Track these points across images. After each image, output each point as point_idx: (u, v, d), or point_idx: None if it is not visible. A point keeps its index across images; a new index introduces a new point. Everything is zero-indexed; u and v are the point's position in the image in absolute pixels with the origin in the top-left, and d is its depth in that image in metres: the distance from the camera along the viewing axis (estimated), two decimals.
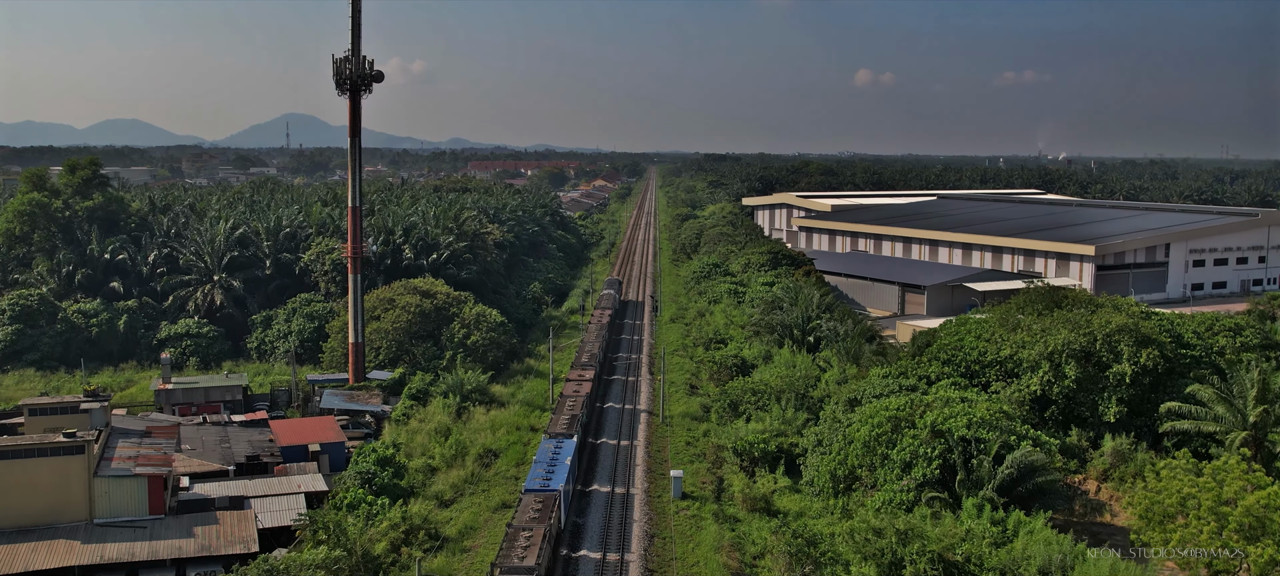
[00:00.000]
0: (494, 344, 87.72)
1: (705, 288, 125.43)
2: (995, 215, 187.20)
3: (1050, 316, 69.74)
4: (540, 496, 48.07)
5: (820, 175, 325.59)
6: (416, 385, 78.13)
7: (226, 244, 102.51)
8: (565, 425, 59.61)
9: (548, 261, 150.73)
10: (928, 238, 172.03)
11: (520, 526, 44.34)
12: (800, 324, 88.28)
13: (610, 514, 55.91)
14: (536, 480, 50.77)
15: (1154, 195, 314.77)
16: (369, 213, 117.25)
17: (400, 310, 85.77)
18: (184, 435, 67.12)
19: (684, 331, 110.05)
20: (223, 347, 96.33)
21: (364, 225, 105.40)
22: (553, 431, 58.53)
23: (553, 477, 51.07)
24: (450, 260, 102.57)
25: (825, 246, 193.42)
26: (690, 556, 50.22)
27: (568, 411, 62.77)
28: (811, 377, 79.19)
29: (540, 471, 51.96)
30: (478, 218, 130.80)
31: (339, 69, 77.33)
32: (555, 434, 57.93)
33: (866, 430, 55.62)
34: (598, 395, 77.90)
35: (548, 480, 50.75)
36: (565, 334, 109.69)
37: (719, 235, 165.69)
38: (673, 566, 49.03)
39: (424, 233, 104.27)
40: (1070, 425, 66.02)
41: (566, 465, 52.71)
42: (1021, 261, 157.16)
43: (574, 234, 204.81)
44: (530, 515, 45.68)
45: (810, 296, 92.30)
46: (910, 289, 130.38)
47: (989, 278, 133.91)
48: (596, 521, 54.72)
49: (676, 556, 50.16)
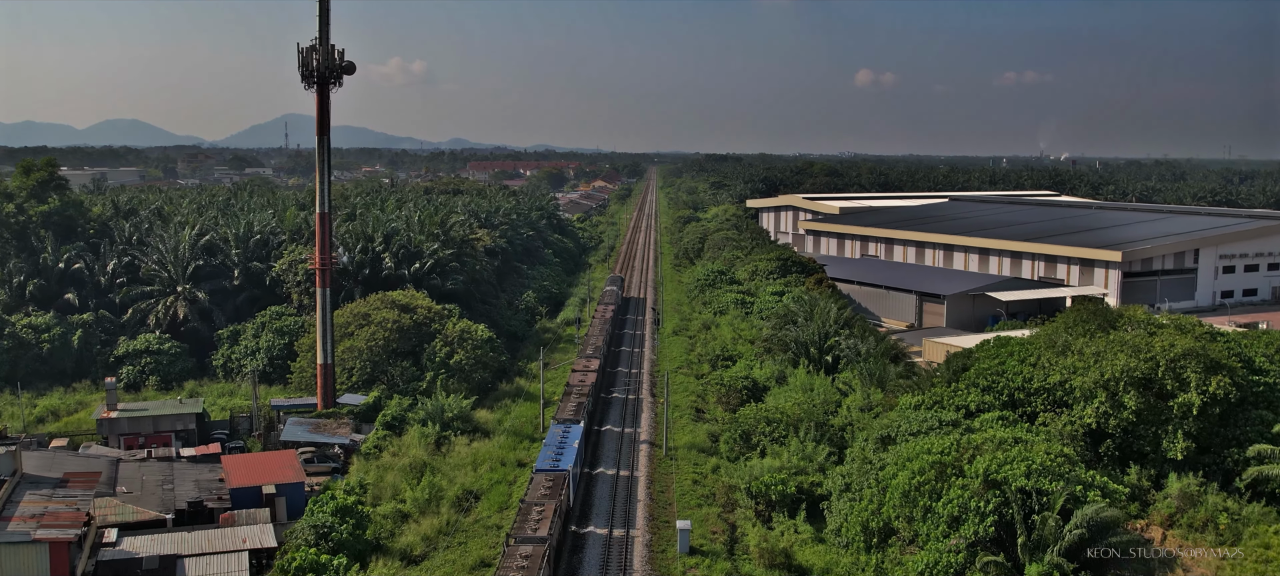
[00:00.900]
0: (480, 363, 79.72)
1: (710, 297, 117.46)
2: (1011, 218, 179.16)
3: (1104, 338, 61.72)
4: (550, 475, 51.83)
5: (824, 176, 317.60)
6: (392, 411, 70.14)
7: (192, 252, 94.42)
8: (572, 411, 63.84)
9: (543, 268, 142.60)
10: (942, 242, 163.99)
11: (533, 502, 47.98)
12: (817, 341, 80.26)
13: (607, 570, 48.15)
14: (547, 461, 54.36)
15: (1166, 197, 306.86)
16: (349, 217, 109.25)
17: (376, 326, 77.75)
18: (123, 474, 59.14)
19: (688, 345, 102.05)
20: (186, 366, 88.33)
21: (342, 231, 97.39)
22: (561, 418, 62.53)
23: (562, 459, 54.60)
24: (435, 269, 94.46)
25: (833, 250, 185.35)
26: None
27: (575, 399, 67.23)
28: (831, 403, 71.22)
29: (550, 453, 55.54)
30: (467, 222, 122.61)
31: (305, 60, 69.32)
32: (563, 420, 61.94)
33: (905, 476, 47.63)
34: (602, 385, 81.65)
35: (557, 460, 54.35)
36: (559, 349, 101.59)
37: (724, 240, 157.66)
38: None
39: (407, 239, 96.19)
40: (1128, 462, 58.05)
41: (574, 448, 56.42)
42: (1042, 267, 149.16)
43: (572, 238, 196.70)
44: (542, 492, 49.54)
45: (827, 310, 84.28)
46: (928, 298, 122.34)
47: (1012, 286, 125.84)
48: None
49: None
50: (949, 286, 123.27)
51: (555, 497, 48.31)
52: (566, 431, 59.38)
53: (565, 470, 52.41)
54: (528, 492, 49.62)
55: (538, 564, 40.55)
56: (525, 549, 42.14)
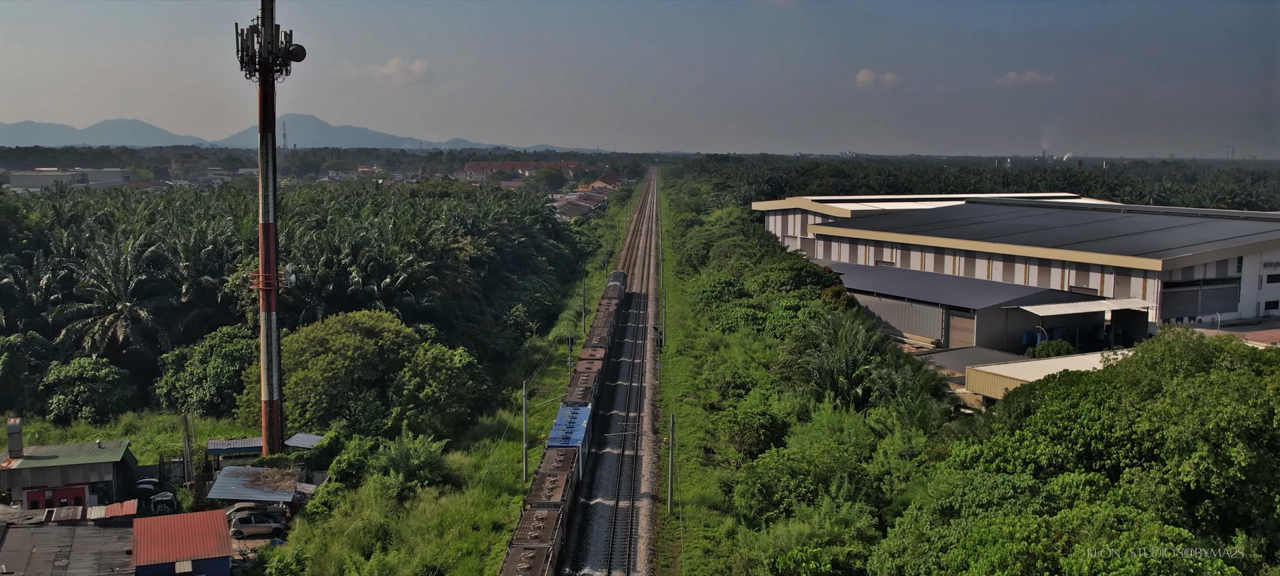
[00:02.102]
0: (455, 395, 69.04)
1: (718, 312, 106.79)
2: (1036, 223, 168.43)
3: (1202, 378, 51.07)
4: (562, 450, 56.46)
5: (831, 177, 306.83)
6: (350, 456, 59.45)
7: (136, 264, 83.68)
8: (580, 395, 69.02)
9: (536, 278, 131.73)
10: (963, 248, 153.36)
11: (546, 473, 52.77)
12: (844, 369, 69.58)
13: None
14: (558, 437, 58.80)
15: (1184, 199, 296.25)
16: (317, 225, 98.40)
17: (334, 354, 67.03)
18: (10, 545, 48.57)
19: (693, 367, 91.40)
20: (125, 395, 77.72)
21: (305, 241, 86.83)
22: (569, 400, 67.81)
23: (572, 436, 58.98)
24: (409, 284, 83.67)
25: (845, 257, 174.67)
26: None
27: (582, 384, 72.43)
28: (865, 446, 60.64)
29: (560, 432, 59.86)
30: (449, 229, 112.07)
31: (245, 43, 58.68)
32: (572, 402, 66.97)
33: (981, 571, 37.06)
34: (607, 374, 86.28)
35: (568, 437, 58.76)
36: (550, 373, 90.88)
37: (731, 246, 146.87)
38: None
39: (378, 250, 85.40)
40: (1233, 528, 47.52)
41: (583, 426, 61.15)
42: (1073, 277, 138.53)
43: (568, 243, 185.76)
44: (554, 464, 54.37)
45: (854, 332, 73.62)
46: (956, 312, 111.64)
47: (1049, 299, 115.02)
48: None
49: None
50: (979, 299, 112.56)
51: (566, 469, 53.83)
52: (575, 412, 64.36)
53: (575, 446, 57.44)
54: (541, 465, 55.02)
55: (552, 525, 46.39)
56: (541, 512, 47.93)
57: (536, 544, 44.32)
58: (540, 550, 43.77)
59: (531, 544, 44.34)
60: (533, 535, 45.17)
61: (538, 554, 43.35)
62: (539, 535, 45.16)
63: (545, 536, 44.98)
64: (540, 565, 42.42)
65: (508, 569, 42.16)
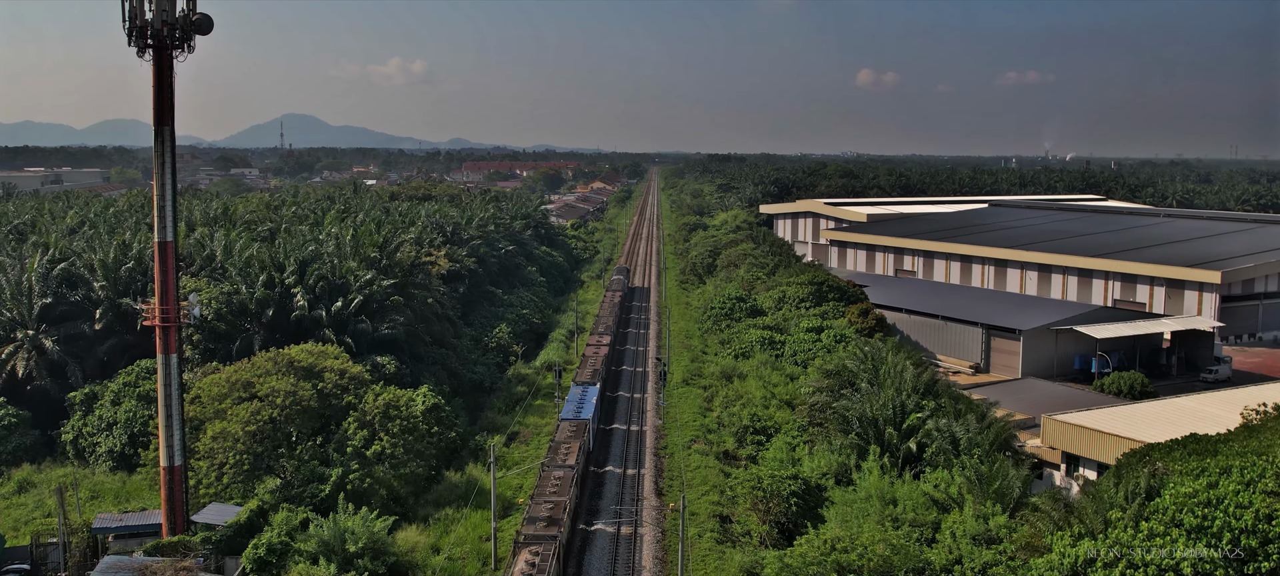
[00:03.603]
0: (414, 450, 55.95)
1: (729, 335, 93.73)
2: (1069, 228, 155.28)
3: None
4: (574, 422, 62.13)
5: (840, 178, 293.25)
6: (273, 537, 46.43)
7: (43, 284, 70.59)
8: (589, 375, 73.67)
9: (524, 291, 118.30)
10: (993, 256, 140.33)
11: (561, 442, 58.56)
12: (892, 417, 56.53)
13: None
14: (570, 411, 64.52)
15: (1207, 200, 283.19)
16: (267, 238, 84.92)
17: (262, 403, 53.94)
18: None
19: (702, 402, 78.42)
20: (24, 443, 64.75)
21: (245, 257, 73.76)
22: (580, 380, 72.66)
23: (583, 410, 64.78)
24: (366, 308, 70.56)
25: (862, 265, 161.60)
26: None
27: (590, 366, 76.74)
28: (925, 523, 47.64)
29: (572, 407, 65.51)
30: (426, 238, 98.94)
31: (133, 11, 45.62)
32: (582, 382, 71.90)
33: None
34: (613, 359, 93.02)
35: (579, 411, 64.42)
36: (535, 409, 77.79)
37: (740, 255, 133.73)
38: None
39: (331, 267, 72.22)
40: None
41: (593, 403, 66.78)
42: (1117, 289, 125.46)
43: (562, 250, 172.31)
44: (568, 434, 59.98)
45: (899, 369, 60.55)
46: (999, 333, 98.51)
47: (1104, 317, 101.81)
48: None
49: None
50: (1024, 317, 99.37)
51: (579, 438, 58.67)
52: (585, 391, 69.48)
53: (586, 419, 62.52)
54: (556, 435, 59.73)
55: (567, 484, 51.05)
56: (557, 473, 52.52)
57: (555, 497, 49.29)
58: (558, 502, 48.62)
59: (550, 497, 49.32)
60: (551, 489, 50.44)
61: (557, 505, 48.35)
62: (557, 489, 50.41)
63: (562, 491, 50.14)
64: (559, 513, 47.46)
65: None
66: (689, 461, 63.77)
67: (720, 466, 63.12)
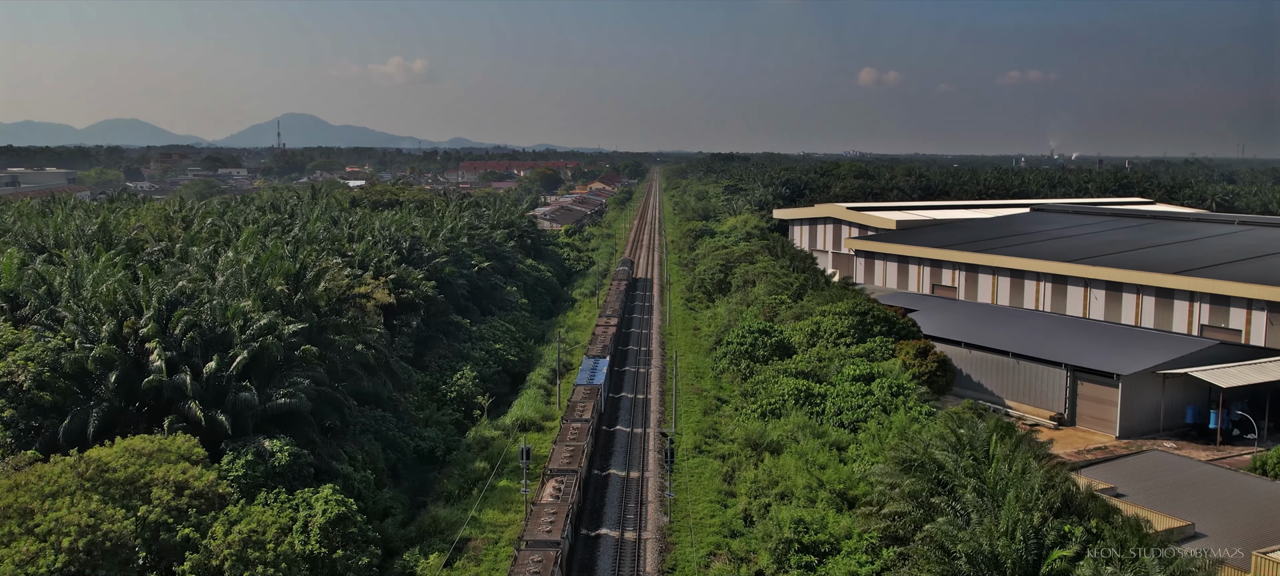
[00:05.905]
0: None
1: (753, 384, 73.62)
2: (1130, 238, 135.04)
3: None
4: (587, 388, 68.69)
5: (854, 179, 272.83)
6: None
7: None
8: (599, 349, 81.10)
9: (500, 320, 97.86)
10: (1048, 271, 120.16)
11: (577, 401, 65.44)
12: (1022, 559, 36.65)
13: None
14: (584, 378, 71.39)
15: (1249, 203, 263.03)
16: (154, 267, 63.87)
17: (43, 543, 34.28)
18: None
19: (721, 492, 58.38)
20: None
21: (100, 292, 53.70)
22: (591, 353, 79.63)
23: (595, 377, 71.43)
24: (256, 367, 50.76)
25: (893, 281, 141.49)
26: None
27: (600, 342, 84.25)
28: None
29: (585, 375, 72.33)
30: (369, 260, 78.92)
31: None
32: (593, 355, 79.03)
33: None
34: (620, 339, 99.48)
35: (592, 378, 71.07)
36: (495, 498, 57.57)
37: (758, 272, 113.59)
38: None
39: (212, 311, 52.25)
40: None
41: (603, 371, 73.74)
42: (1206, 312, 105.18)
43: (552, 262, 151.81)
44: (582, 396, 66.79)
45: (1027, 472, 40.66)
46: (1088, 376, 78.58)
47: (1225, 356, 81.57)
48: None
49: None
50: (1122, 358, 79.25)
51: (592, 399, 66.17)
52: (596, 363, 75.56)
53: (598, 384, 69.84)
54: (573, 396, 67.41)
55: (584, 432, 58.73)
56: (576, 424, 60.22)
57: (575, 443, 56.66)
58: (577, 447, 55.87)
59: (571, 442, 56.55)
60: (572, 437, 57.83)
61: (576, 449, 55.46)
62: (577, 436, 57.93)
63: (581, 438, 57.73)
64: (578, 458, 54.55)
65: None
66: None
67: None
